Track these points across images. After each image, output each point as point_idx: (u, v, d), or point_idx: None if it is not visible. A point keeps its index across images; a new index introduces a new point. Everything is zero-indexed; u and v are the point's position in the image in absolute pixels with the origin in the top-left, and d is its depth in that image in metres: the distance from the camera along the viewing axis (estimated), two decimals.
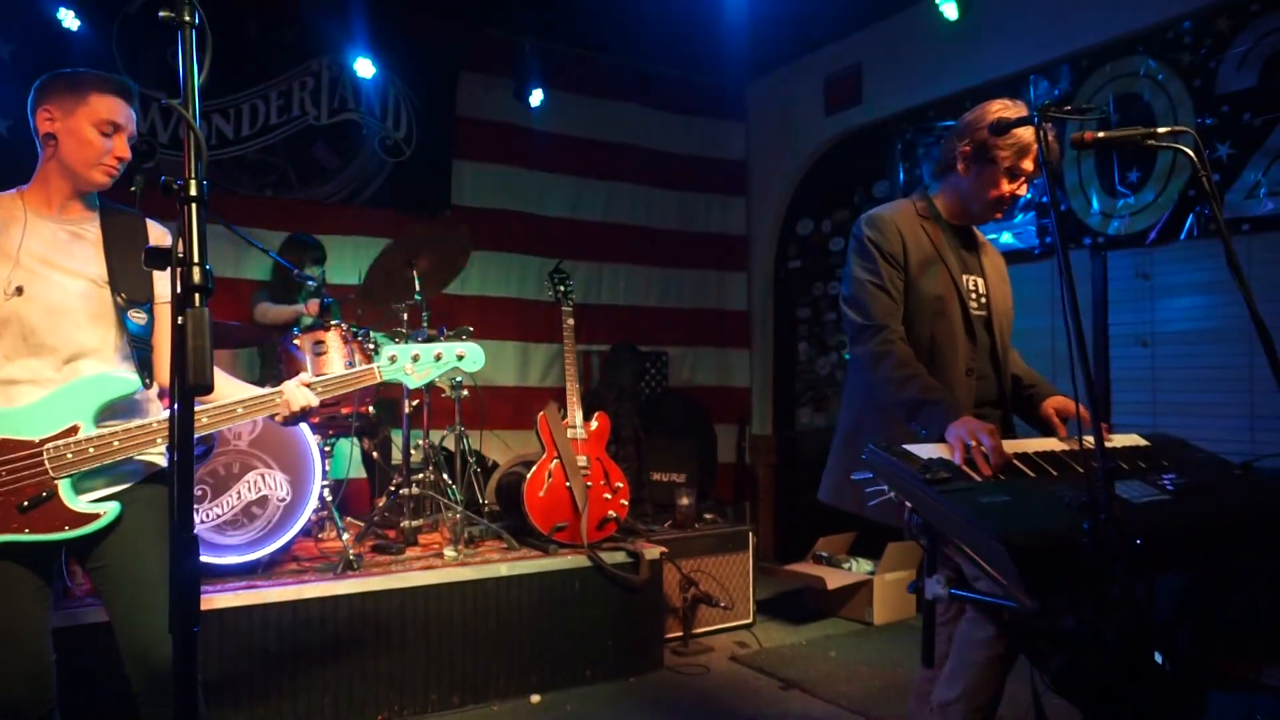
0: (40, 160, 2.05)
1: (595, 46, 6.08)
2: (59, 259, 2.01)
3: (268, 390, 2.07)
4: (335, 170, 5.34)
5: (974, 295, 2.37)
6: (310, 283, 3.92)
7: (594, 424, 4.05)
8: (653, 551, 3.95)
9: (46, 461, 1.88)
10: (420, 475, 4.07)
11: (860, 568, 4.77)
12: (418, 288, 4.02)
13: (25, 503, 1.84)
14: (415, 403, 4.13)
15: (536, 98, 5.72)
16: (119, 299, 2.02)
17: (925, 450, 1.89)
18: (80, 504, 1.90)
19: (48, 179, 2.04)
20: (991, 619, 2.08)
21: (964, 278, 2.36)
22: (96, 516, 1.90)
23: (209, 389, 1.04)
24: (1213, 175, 3.85)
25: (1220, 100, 4.02)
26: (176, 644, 1.02)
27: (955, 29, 5.03)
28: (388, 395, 4.41)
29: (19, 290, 1.94)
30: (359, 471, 4.72)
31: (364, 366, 2.14)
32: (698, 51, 6.23)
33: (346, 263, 5.14)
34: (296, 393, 2.05)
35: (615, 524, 3.99)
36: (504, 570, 3.56)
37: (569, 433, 3.96)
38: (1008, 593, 1.65)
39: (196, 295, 1.00)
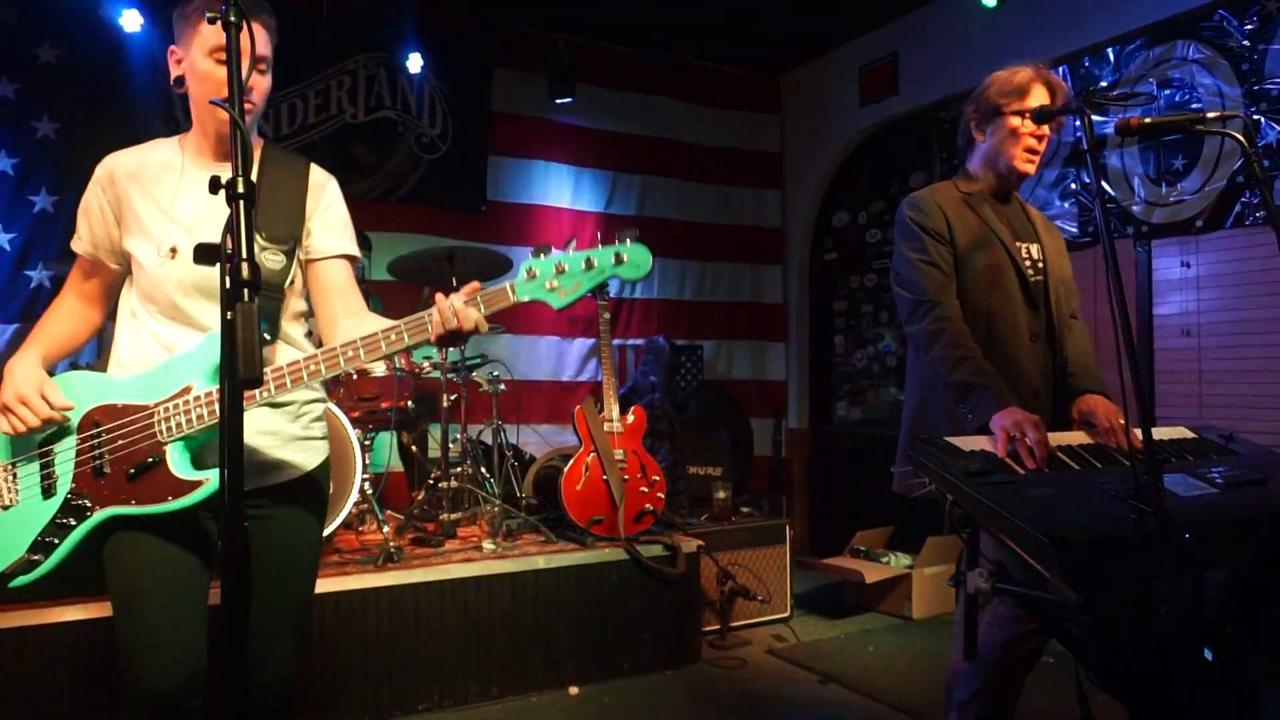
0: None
1: (628, 40, 6.07)
2: (215, 215, 1.75)
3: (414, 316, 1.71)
4: (372, 167, 5.39)
5: (1029, 261, 2.33)
6: None
7: (630, 417, 4.06)
8: (690, 545, 3.95)
9: (157, 424, 1.72)
10: (458, 469, 4.11)
11: (899, 561, 4.73)
12: (455, 284, 4.05)
13: (133, 470, 1.71)
14: (453, 396, 4.17)
15: (569, 94, 5.74)
16: (259, 237, 1.81)
17: (967, 443, 1.87)
18: (185, 471, 1.71)
19: (196, 129, 1.88)
20: (1032, 614, 2.06)
21: (1018, 245, 2.32)
22: (199, 484, 1.70)
23: (259, 383, 1.07)
24: (1263, 161, 3.77)
25: (1270, 84, 3.93)
26: (228, 626, 1.04)
27: (993, 15, 4.97)
28: (427, 390, 4.45)
29: (173, 251, 1.79)
30: (397, 465, 4.77)
31: (496, 286, 1.68)
32: (730, 44, 6.22)
33: (383, 259, 5.18)
34: (464, 310, 1.64)
35: (652, 517, 4.00)
36: (542, 563, 3.59)
37: (606, 426, 3.97)
38: (1052, 588, 1.64)
39: (245, 290, 1.02)
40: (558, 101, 5.77)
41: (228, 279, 1.04)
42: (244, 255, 1.03)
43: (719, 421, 5.81)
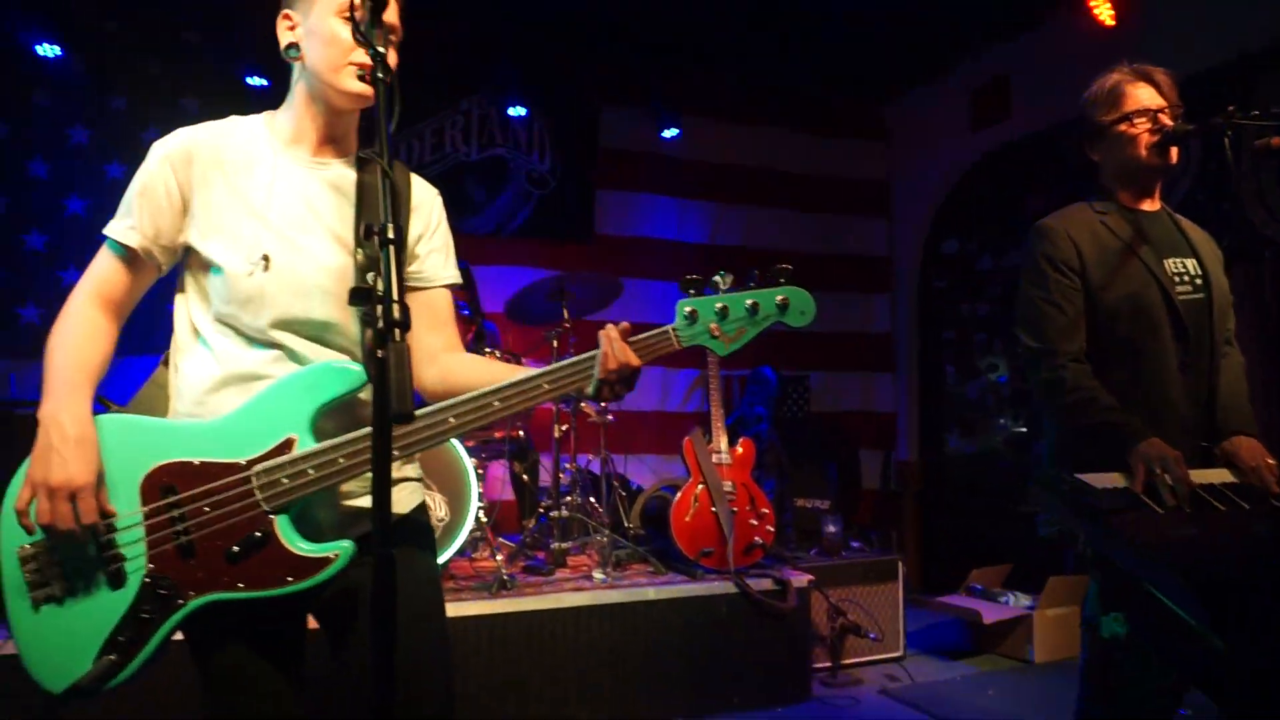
0: (290, 86, 1.62)
1: (733, 72, 6.13)
2: (312, 220, 1.55)
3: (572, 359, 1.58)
4: (484, 204, 5.59)
5: (1184, 277, 2.12)
6: (465, 312, 4.10)
7: (739, 449, 4.05)
8: (800, 579, 3.90)
9: (257, 490, 1.44)
10: (568, 498, 4.17)
11: (1018, 601, 4.55)
12: (566, 316, 4.15)
13: (235, 548, 1.42)
14: (564, 427, 4.24)
15: (673, 129, 5.83)
16: (357, 256, 1.55)
17: (1100, 479, 1.80)
18: (304, 545, 1.45)
19: (296, 106, 1.60)
20: (1171, 663, 1.95)
21: (1168, 262, 2.12)
22: (327, 561, 1.43)
23: (410, 418, 1.12)
24: None
25: None
26: (375, 651, 1.09)
27: (1110, 35, 4.81)
28: (538, 420, 4.55)
29: (265, 260, 1.50)
30: (509, 493, 4.88)
31: (657, 330, 1.60)
32: (835, 73, 6.21)
33: (495, 292, 5.35)
34: (618, 344, 1.55)
35: (761, 550, 3.97)
36: (652, 594, 3.59)
37: (714, 458, 3.97)
38: (1195, 635, 1.56)
39: (397, 330, 1.08)
40: (663, 135, 5.87)
41: (380, 319, 1.09)
42: (395, 297, 1.09)
43: (826, 454, 5.73)
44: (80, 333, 1.50)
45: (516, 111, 5.50)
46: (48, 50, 4.49)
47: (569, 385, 1.54)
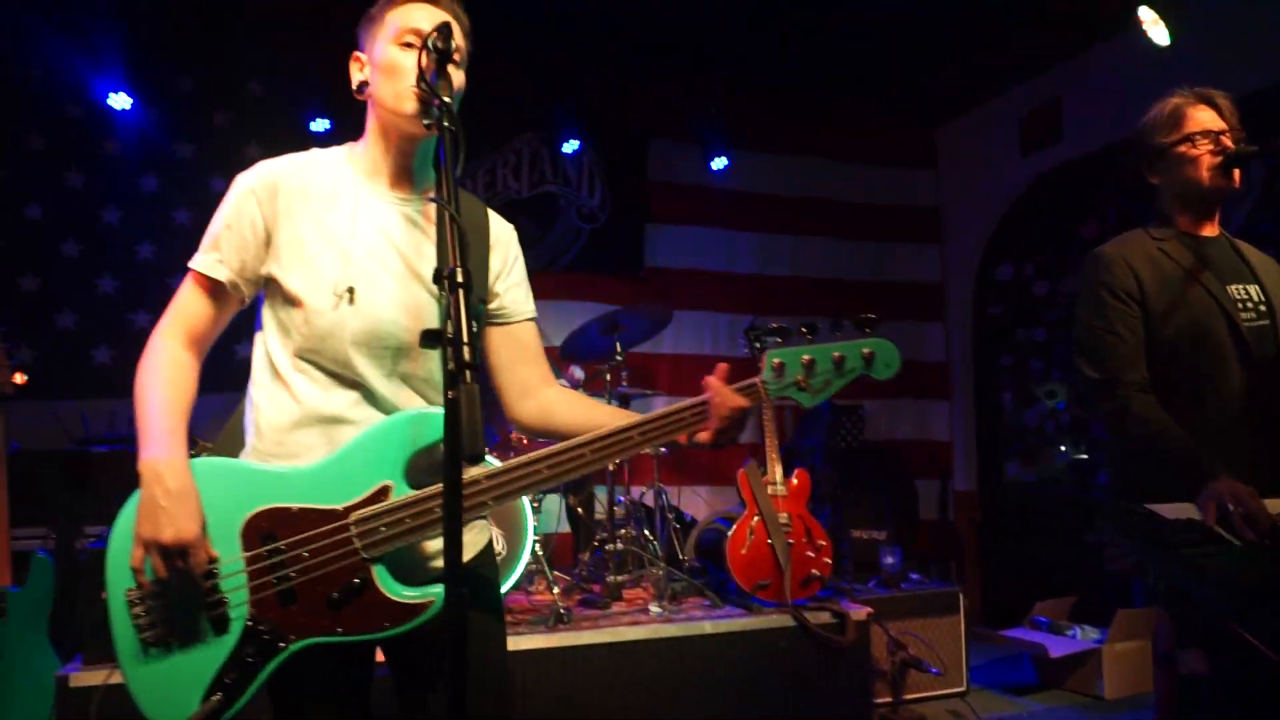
0: (366, 123, 1.64)
1: (780, 102, 6.16)
2: (393, 256, 1.55)
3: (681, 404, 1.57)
4: (535, 240, 5.67)
5: (1248, 304, 2.09)
6: None
7: (795, 480, 4.01)
8: (859, 612, 3.84)
9: (355, 538, 1.44)
10: (623, 530, 4.17)
11: (1086, 635, 4.42)
12: (619, 350, 4.18)
13: (335, 594, 1.43)
14: (618, 460, 4.25)
15: (721, 162, 5.87)
16: (441, 300, 1.50)
17: (1173, 510, 1.76)
18: (405, 592, 1.46)
19: (371, 140, 1.61)
20: (1247, 700, 1.88)
21: (1231, 288, 2.09)
22: (422, 606, 1.44)
23: (481, 458, 1.14)
24: None
25: None
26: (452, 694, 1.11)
27: (1164, 55, 4.73)
28: None
29: (349, 293, 1.50)
30: (564, 526, 4.89)
31: (745, 383, 1.58)
32: (885, 101, 6.21)
33: (547, 327, 5.41)
34: (725, 392, 1.55)
35: (819, 583, 3.91)
36: (708, 628, 3.57)
37: (770, 489, 3.94)
38: (1275, 668, 1.51)
39: (468, 372, 1.11)
40: (713, 167, 5.91)
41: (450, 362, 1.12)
42: (465, 339, 1.12)
43: (881, 483, 5.65)
44: (168, 373, 1.51)
45: (570, 146, 5.58)
46: (121, 102, 4.69)
47: (668, 434, 1.55)
